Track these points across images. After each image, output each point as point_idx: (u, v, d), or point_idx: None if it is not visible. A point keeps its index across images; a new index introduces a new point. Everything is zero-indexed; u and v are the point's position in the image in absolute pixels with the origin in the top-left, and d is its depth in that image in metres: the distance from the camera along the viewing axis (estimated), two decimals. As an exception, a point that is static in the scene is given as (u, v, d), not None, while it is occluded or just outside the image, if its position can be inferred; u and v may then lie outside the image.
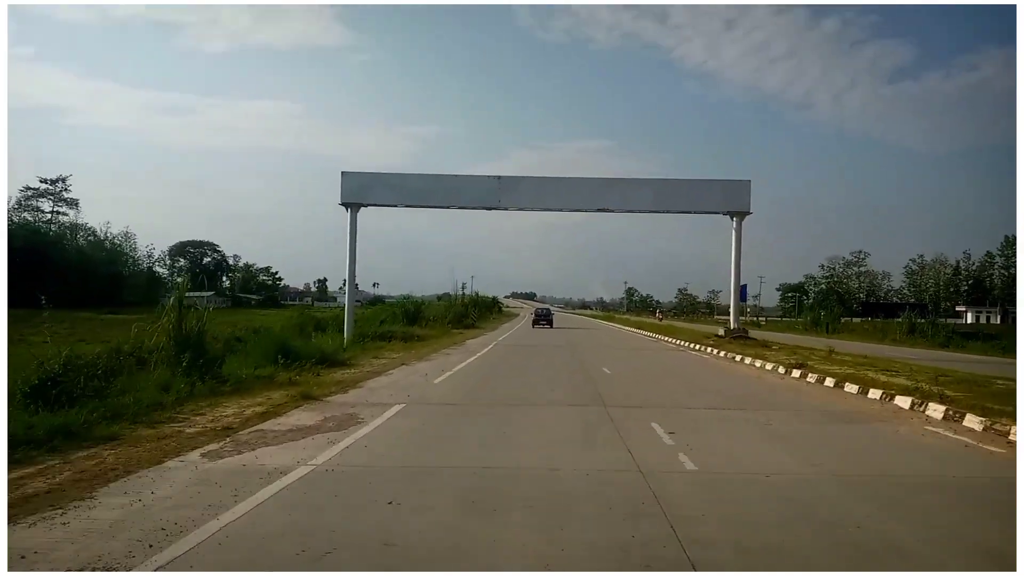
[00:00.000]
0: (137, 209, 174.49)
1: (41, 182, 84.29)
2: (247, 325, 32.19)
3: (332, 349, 20.25)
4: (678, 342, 32.66)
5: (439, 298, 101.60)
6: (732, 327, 31.59)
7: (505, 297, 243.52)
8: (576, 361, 21.18)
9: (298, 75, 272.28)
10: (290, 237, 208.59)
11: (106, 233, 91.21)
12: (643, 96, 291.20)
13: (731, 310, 32.75)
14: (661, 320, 65.31)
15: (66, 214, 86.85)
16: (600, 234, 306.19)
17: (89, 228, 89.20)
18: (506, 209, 30.59)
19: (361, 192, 29.94)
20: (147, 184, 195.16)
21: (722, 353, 24.36)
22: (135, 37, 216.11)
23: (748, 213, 30.51)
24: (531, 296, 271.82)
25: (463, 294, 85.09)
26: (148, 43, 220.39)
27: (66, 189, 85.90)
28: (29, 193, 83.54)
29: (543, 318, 52.04)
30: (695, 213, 31.39)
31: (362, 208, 30.24)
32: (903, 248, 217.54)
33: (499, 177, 30.17)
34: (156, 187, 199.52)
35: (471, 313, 54.28)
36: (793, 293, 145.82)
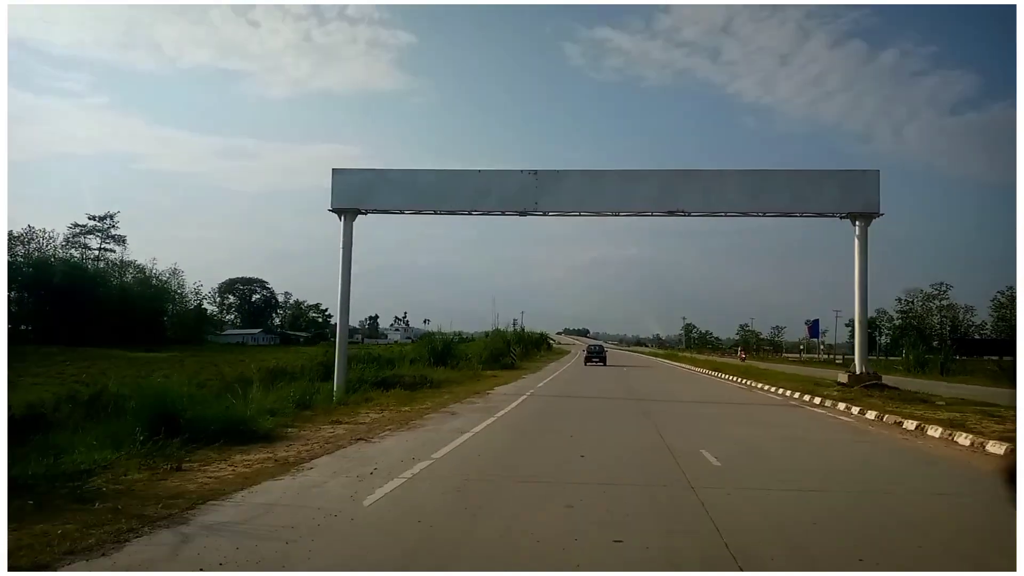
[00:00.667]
0: (201, 250, 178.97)
1: (89, 219, 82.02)
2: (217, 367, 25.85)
3: (258, 410, 12.87)
4: (784, 392, 24.03)
5: (487, 334, 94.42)
6: (859, 371, 22.94)
7: (557, 334, 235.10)
8: (650, 433, 13.11)
9: (356, 118, 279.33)
10: (332, 273, 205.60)
11: (151, 270, 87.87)
12: (697, 131, 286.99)
13: (856, 348, 24.20)
14: (744, 360, 55.55)
15: (113, 251, 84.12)
16: (654, 268, 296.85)
17: (138, 265, 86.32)
18: (544, 214, 23.09)
19: (359, 194, 23.02)
20: (211, 225, 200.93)
21: (870, 414, 15.93)
22: (202, 85, 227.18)
23: (877, 215, 22.17)
24: (584, 333, 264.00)
25: (511, 329, 78.02)
26: (214, 91, 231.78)
27: (114, 226, 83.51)
28: (77, 230, 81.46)
29: (595, 355, 50.29)
30: (803, 216, 23.15)
31: (369, 216, 23.50)
32: (977, 281, 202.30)
33: (535, 172, 22.80)
34: (220, 228, 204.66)
35: (512, 351, 46.89)
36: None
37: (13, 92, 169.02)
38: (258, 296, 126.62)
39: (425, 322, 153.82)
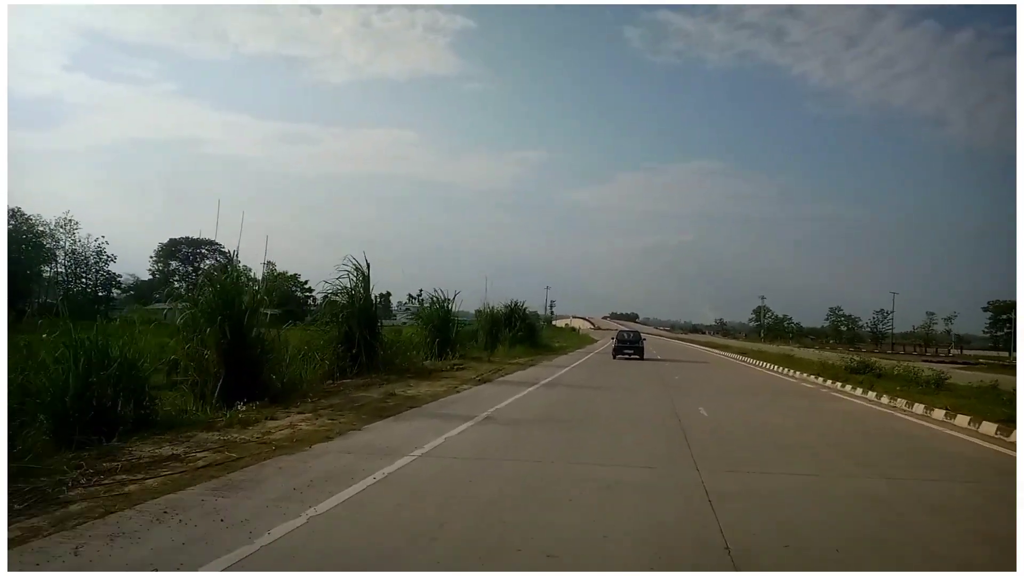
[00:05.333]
0: (257, 234, 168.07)
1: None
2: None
3: None
4: None
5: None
6: None
7: (603, 318, 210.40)
8: None
9: (413, 103, 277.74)
10: (386, 258, 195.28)
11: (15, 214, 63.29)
12: (758, 116, 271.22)
13: None
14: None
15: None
16: (711, 255, 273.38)
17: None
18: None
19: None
20: (271, 209, 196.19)
21: None
22: (264, 72, 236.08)
23: None
24: (633, 318, 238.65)
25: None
26: (276, 77, 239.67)
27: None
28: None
29: (629, 345, 35.05)
30: None
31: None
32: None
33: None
34: (278, 212, 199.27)
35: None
36: (1012, 315, 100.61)
37: (87, 80, 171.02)
38: (210, 262, 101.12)
39: (490, 308, 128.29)
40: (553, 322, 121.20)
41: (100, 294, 76.11)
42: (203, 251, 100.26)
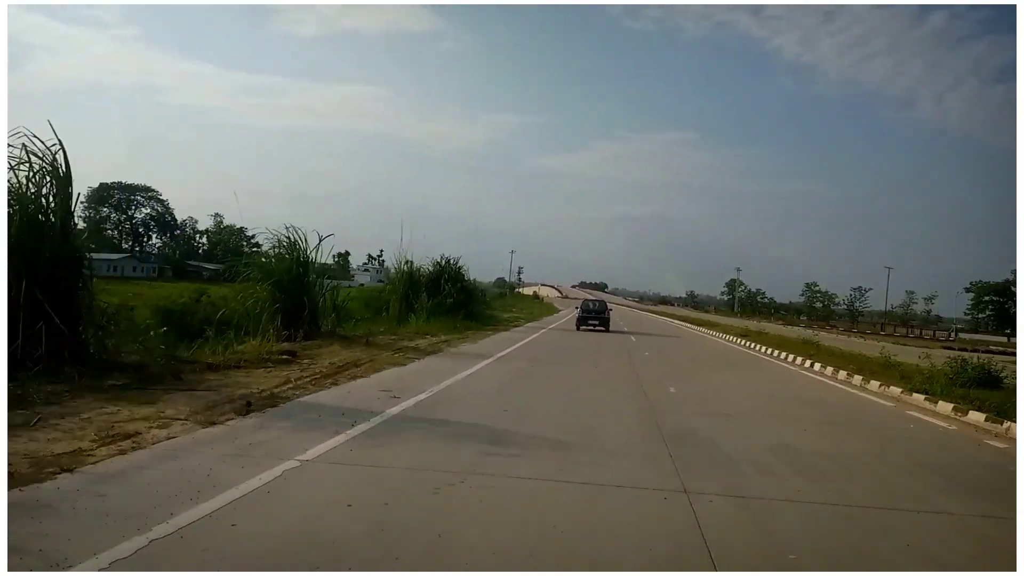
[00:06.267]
0: (219, 186, 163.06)
1: None
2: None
3: None
4: None
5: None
6: None
7: (572, 287, 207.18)
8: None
9: (385, 60, 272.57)
10: (349, 215, 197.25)
11: None
12: (732, 89, 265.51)
13: None
14: None
15: None
16: (680, 226, 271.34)
17: None
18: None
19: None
20: (232, 161, 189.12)
21: None
22: (232, 20, 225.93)
23: None
24: (602, 287, 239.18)
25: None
26: (244, 26, 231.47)
27: None
28: None
29: (594, 316, 30.75)
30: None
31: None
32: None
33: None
34: (240, 164, 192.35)
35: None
36: (994, 297, 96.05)
37: (46, 22, 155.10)
38: (147, 211, 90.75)
39: (407, 263, 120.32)
40: (520, 289, 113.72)
41: None
42: (138, 197, 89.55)
